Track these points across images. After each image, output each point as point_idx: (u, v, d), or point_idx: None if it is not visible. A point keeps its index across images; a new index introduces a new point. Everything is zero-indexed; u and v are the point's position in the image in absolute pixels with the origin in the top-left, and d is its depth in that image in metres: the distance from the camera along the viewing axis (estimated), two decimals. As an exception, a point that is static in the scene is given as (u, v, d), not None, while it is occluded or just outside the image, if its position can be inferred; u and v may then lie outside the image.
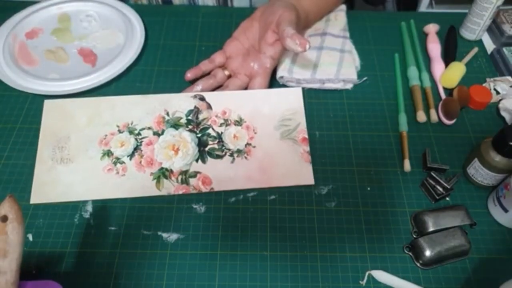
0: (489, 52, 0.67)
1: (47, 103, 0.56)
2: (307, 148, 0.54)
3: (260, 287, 0.45)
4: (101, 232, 0.48)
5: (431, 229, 0.46)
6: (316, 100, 0.60)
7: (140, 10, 0.70)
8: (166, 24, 0.70)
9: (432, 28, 0.68)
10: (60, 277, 0.45)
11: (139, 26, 0.67)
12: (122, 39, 0.66)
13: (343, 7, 0.70)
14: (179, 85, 0.60)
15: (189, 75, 0.59)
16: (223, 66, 0.61)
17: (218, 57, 0.61)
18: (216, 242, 0.48)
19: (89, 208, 0.50)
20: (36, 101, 0.58)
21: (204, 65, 0.60)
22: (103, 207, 0.50)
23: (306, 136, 0.55)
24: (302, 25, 0.62)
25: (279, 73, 0.60)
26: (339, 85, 0.61)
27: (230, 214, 0.50)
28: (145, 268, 0.46)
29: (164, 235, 0.48)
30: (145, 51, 0.66)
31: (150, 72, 0.63)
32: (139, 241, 0.47)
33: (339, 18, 0.68)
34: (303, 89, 0.61)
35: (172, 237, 0.48)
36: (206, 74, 0.60)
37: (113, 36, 0.67)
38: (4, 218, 0.35)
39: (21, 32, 0.66)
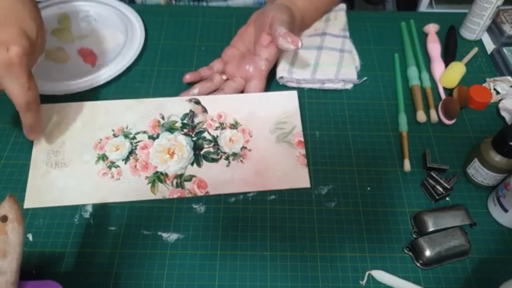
0: (489, 52, 0.67)
1: (42, 107, 0.55)
2: (303, 151, 0.54)
3: (260, 287, 0.45)
4: (101, 232, 0.48)
5: (431, 229, 0.46)
6: (316, 100, 0.60)
7: (140, 10, 0.70)
8: (166, 24, 0.70)
9: (432, 28, 0.68)
10: (60, 277, 0.45)
11: (139, 26, 0.67)
12: (122, 39, 0.66)
13: (343, 6, 0.70)
14: (179, 85, 0.61)
15: (188, 77, 0.59)
16: (221, 73, 0.61)
17: (216, 65, 0.61)
18: (216, 242, 0.48)
19: (89, 208, 0.50)
20: (36, 101, 0.58)
21: (203, 71, 0.61)
22: (103, 207, 0.50)
23: (302, 139, 0.54)
24: (298, 25, 0.62)
25: (279, 74, 0.60)
26: (339, 85, 0.61)
27: (230, 214, 0.50)
28: (145, 268, 0.46)
29: (164, 235, 0.48)
30: (145, 51, 0.66)
31: (150, 72, 0.63)
32: (139, 241, 0.47)
33: (339, 17, 0.68)
34: (303, 89, 0.61)
35: (172, 237, 0.48)
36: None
37: (113, 36, 0.67)
38: (4, 218, 0.35)
39: (21, 32, 0.66)
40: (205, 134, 0.55)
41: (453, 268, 0.46)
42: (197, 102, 0.56)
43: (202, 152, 0.53)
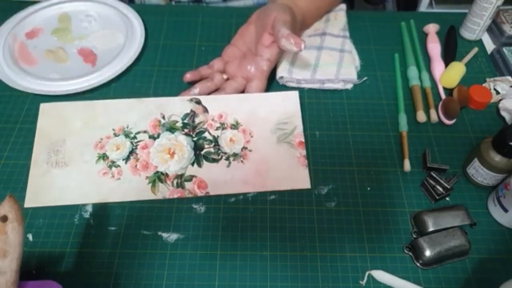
0: (489, 52, 0.67)
1: (42, 106, 0.56)
2: (304, 152, 0.54)
3: (260, 287, 0.45)
4: (101, 232, 0.48)
5: (431, 229, 0.46)
6: (316, 100, 0.60)
7: (140, 10, 0.70)
8: (166, 24, 0.70)
9: (432, 28, 0.68)
10: (60, 277, 0.45)
11: (139, 26, 0.67)
12: (122, 39, 0.66)
13: (343, 6, 0.70)
14: (179, 85, 0.61)
15: (189, 75, 0.59)
16: (221, 72, 0.61)
17: (216, 64, 0.61)
18: (216, 242, 0.48)
19: (89, 208, 0.50)
20: (36, 101, 0.58)
21: (203, 70, 0.60)
22: (103, 207, 0.50)
23: (303, 140, 0.54)
24: (299, 25, 0.62)
25: (279, 74, 0.60)
26: (339, 85, 0.61)
27: (230, 214, 0.50)
28: (145, 268, 0.46)
29: (164, 235, 0.48)
30: (145, 51, 0.66)
31: (150, 72, 0.63)
32: (139, 241, 0.47)
33: (339, 17, 0.68)
34: (303, 89, 0.61)
35: (172, 237, 0.48)
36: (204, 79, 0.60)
37: (113, 36, 0.67)
38: (4, 218, 0.35)
39: (21, 32, 0.66)
40: (206, 134, 0.55)
41: (453, 268, 0.46)
42: (198, 102, 0.56)
43: (202, 152, 0.53)
